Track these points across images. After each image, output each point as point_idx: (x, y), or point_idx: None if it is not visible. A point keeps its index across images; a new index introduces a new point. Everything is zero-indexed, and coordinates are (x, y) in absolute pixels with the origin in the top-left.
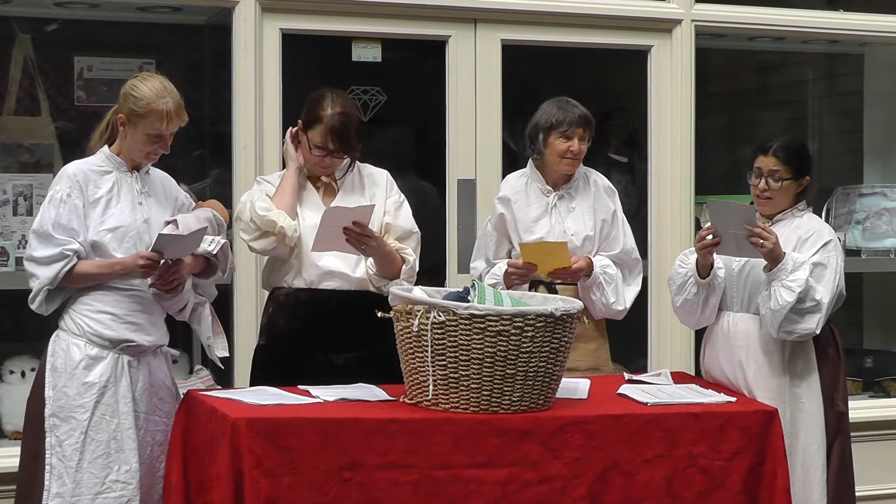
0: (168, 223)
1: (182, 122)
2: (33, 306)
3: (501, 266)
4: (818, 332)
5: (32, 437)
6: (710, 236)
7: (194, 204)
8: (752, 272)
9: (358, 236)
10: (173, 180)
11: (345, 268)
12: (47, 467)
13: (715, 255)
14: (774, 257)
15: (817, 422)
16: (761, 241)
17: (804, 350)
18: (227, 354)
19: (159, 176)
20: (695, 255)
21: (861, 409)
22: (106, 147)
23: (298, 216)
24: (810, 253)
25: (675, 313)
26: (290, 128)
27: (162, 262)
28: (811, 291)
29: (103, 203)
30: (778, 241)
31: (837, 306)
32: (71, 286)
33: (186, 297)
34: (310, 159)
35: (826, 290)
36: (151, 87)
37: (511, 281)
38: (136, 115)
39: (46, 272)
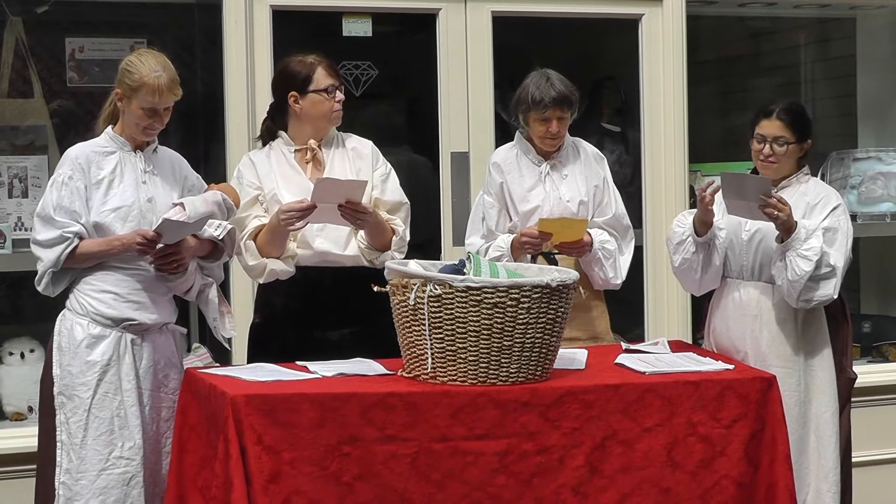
0: (175, 205)
1: (175, 97)
2: (39, 288)
3: (506, 238)
4: (836, 296)
5: (44, 414)
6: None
7: (206, 186)
8: (764, 241)
9: (353, 213)
10: (185, 161)
11: (336, 248)
12: (58, 444)
13: (719, 219)
14: (788, 228)
15: (830, 389)
16: (776, 212)
17: (816, 318)
18: (235, 334)
19: (169, 155)
20: (692, 216)
21: (859, 373)
22: (110, 128)
23: (282, 202)
24: (820, 218)
25: (675, 275)
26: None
27: (160, 245)
28: (826, 257)
29: (106, 184)
30: (791, 212)
31: (846, 270)
32: (76, 266)
33: (192, 279)
34: (324, 113)
35: (839, 254)
36: (145, 62)
37: (523, 250)
38: (130, 89)
39: (49, 254)
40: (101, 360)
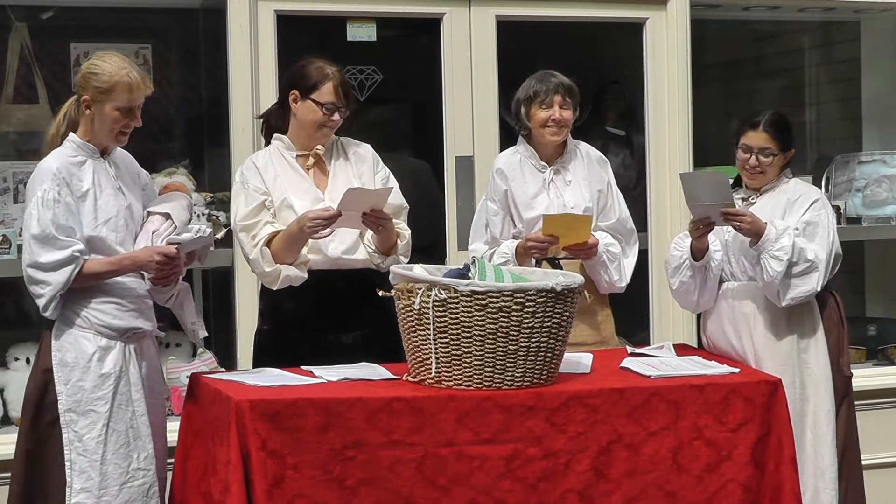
0: (152, 214)
1: (149, 90)
2: (47, 314)
3: (510, 244)
4: (819, 289)
5: (35, 435)
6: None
7: (152, 182)
8: (746, 241)
9: (375, 220)
10: (132, 158)
11: (347, 252)
12: (67, 463)
13: (713, 241)
14: (756, 232)
15: (826, 387)
16: (738, 223)
17: (810, 316)
18: (206, 335)
19: (121, 155)
20: (689, 239)
21: (865, 377)
22: (73, 135)
23: (294, 208)
24: (800, 213)
25: (672, 295)
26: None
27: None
28: (803, 253)
29: (91, 196)
30: (755, 217)
31: (836, 268)
32: (78, 286)
33: (177, 287)
34: (314, 122)
35: (821, 247)
36: (110, 62)
37: (529, 255)
38: (101, 92)
39: (58, 277)
40: (113, 371)
